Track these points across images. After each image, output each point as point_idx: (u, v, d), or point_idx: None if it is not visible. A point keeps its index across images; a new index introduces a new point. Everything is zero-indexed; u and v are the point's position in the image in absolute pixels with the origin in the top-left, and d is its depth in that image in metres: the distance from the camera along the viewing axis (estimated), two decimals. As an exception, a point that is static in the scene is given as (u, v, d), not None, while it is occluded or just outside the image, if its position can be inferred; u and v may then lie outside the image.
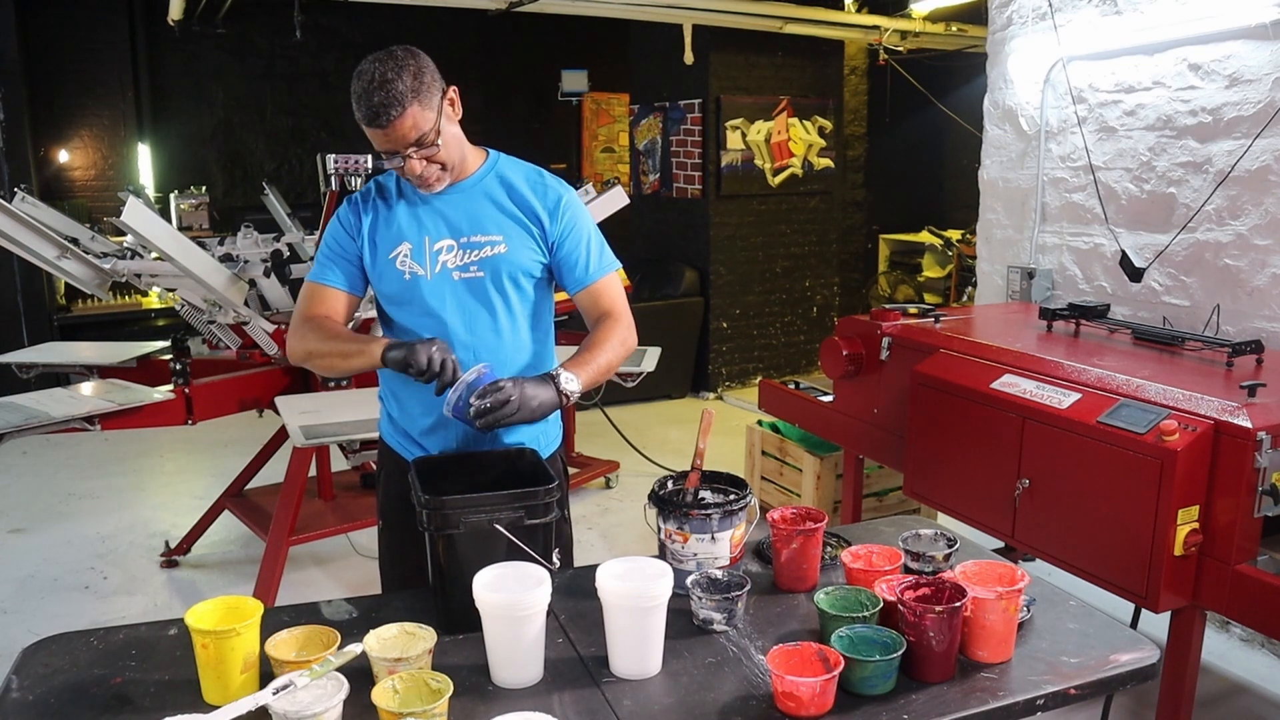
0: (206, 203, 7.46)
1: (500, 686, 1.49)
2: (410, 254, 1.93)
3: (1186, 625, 2.35)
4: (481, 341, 1.95)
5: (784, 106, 6.81)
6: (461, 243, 1.94)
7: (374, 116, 1.78)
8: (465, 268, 1.93)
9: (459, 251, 1.94)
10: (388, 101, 1.76)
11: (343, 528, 3.82)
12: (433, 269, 1.93)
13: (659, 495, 1.85)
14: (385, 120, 1.78)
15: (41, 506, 4.79)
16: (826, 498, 4.07)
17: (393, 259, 1.93)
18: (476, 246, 1.94)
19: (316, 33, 7.90)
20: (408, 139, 1.81)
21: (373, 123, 1.79)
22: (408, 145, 1.82)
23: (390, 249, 1.94)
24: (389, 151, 1.84)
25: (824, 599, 1.59)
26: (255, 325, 3.70)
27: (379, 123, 1.78)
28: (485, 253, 1.94)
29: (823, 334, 7.03)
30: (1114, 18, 3.44)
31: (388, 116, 1.77)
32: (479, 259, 1.94)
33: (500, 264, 1.95)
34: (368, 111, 1.78)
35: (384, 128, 1.79)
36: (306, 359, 1.95)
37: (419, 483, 1.71)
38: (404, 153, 1.83)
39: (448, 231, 1.94)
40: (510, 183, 1.98)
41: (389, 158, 1.85)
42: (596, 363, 1.92)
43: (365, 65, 1.80)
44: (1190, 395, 2.28)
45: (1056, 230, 3.75)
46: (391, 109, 1.77)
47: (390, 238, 1.94)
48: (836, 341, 3.29)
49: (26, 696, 1.46)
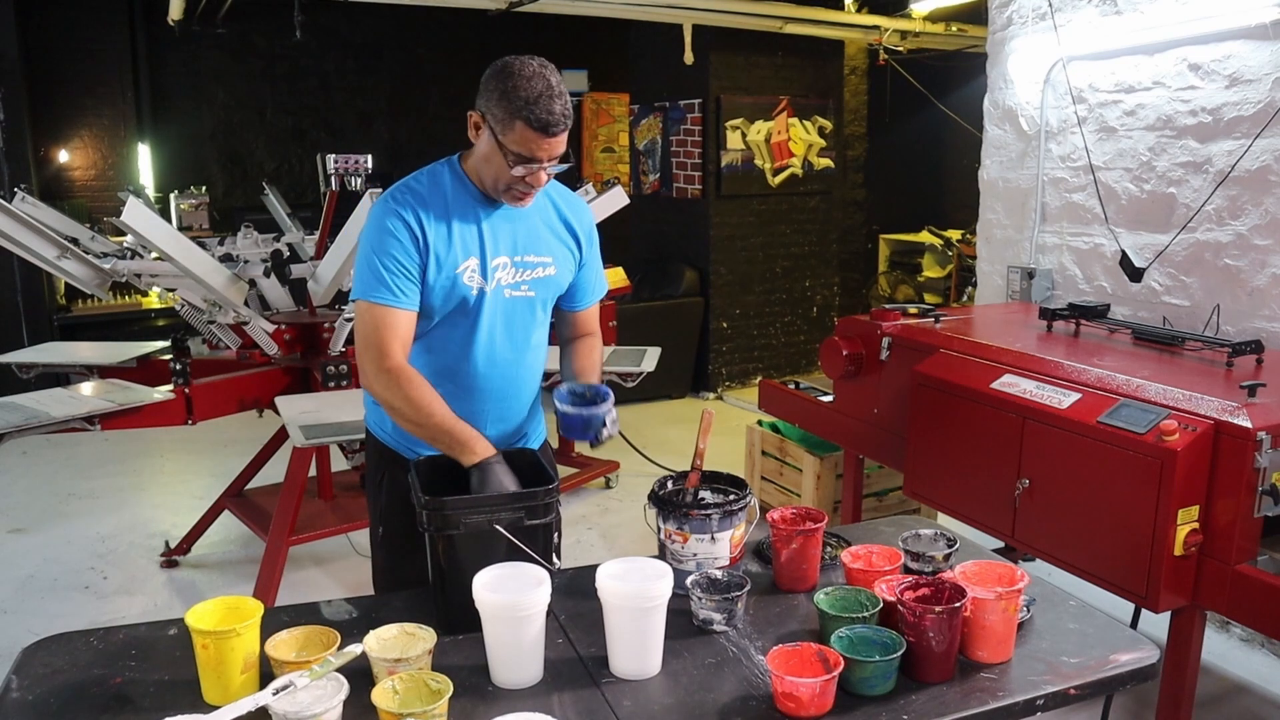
0: (206, 203, 7.46)
1: (500, 687, 1.49)
2: (477, 269, 1.90)
3: (1186, 625, 2.35)
4: (517, 357, 1.99)
5: (784, 106, 6.81)
6: (516, 261, 1.93)
7: (551, 124, 1.75)
8: (517, 285, 1.94)
9: (513, 269, 1.93)
10: (566, 112, 1.77)
11: (343, 528, 3.82)
12: (490, 285, 1.92)
13: (659, 495, 1.85)
14: (559, 129, 1.76)
15: (41, 506, 4.79)
16: (826, 498, 4.07)
17: (460, 273, 1.88)
18: (529, 266, 1.94)
19: (316, 33, 7.89)
20: (557, 151, 1.80)
21: (547, 129, 1.75)
22: (554, 157, 1.80)
23: (458, 262, 1.87)
24: (528, 158, 1.78)
25: (824, 599, 1.59)
26: (255, 325, 3.70)
27: (555, 130, 1.75)
28: (537, 273, 1.96)
29: (823, 334, 7.03)
30: (1114, 18, 3.44)
31: (562, 126, 1.77)
32: (531, 279, 1.95)
33: (549, 285, 1.98)
34: (545, 117, 1.74)
35: (553, 136, 1.76)
36: (384, 406, 1.86)
37: (419, 483, 1.71)
38: (544, 163, 1.80)
39: (504, 249, 1.92)
40: (555, 204, 2.00)
41: (521, 164, 1.79)
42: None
43: (528, 68, 1.75)
44: (1190, 395, 2.28)
45: (1056, 230, 3.75)
46: (567, 119, 1.77)
47: (457, 251, 1.88)
48: (836, 341, 3.28)
49: (26, 696, 1.46)
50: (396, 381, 1.81)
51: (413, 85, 8.71)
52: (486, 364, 1.95)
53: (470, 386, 1.96)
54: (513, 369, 2.00)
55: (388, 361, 1.82)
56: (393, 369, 1.82)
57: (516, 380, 2.02)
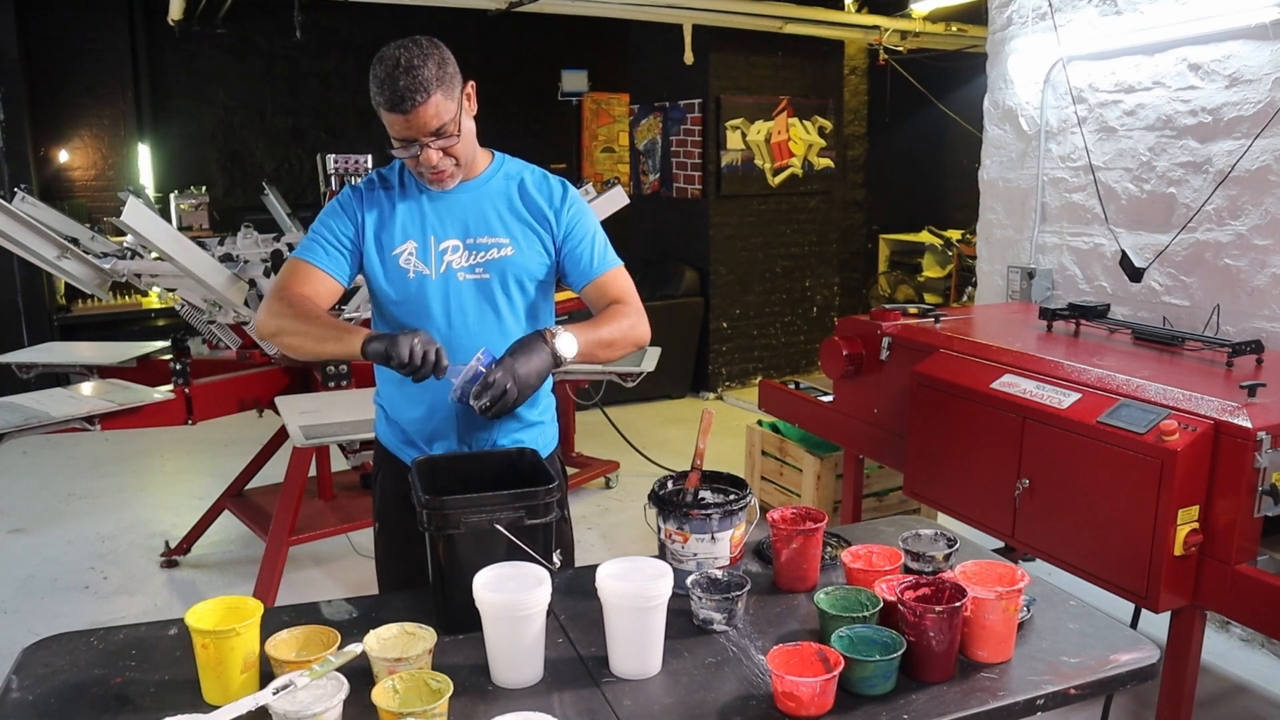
0: (206, 203, 7.46)
1: (500, 686, 1.49)
2: (415, 252, 1.90)
3: (1186, 625, 2.35)
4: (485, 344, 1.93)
5: (784, 106, 6.81)
6: (468, 243, 1.92)
7: (398, 101, 1.73)
8: (471, 269, 1.92)
9: (465, 252, 1.92)
10: (413, 87, 1.73)
11: (343, 528, 3.82)
12: (438, 269, 1.91)
13: (659, 495, 1.85)
14: (410, 105, 1.74)
15: (41, 506, 4.79)
16: (826, 498, 4.07)
17: (396, 256, 1.90)
18: (483, 248, 1.93)
19: (316, 33, 7.90)
20: (428, 127, 1.78)
21: (396, 107, 1.74)
22: (428, 134, 1.78)
23: (394, 245, 1.90)
24: (406, 140, 1.80)
25: (824, 599, 1.59)
26: (255, 325, 3.70)
27: (403, 108, 1.74)
28: (492, 255, 1.93)
29: (823, 334, 7.03)
30: (1114, 18, 3.44)
31: (412, 102, 1.74)
32: (485, 260, 1.93)
33: (506, 266, 1.94)
34: (391, 95, 1.74)
35: (407, 113, 1.75)
36: (276, 335, 1.84)
37: (419, 483, 1.71)
38: (423, 141, 1.79)
39: (454, 231, 1.92)
40: (518, 184, 1.98)
41: (404, 146, 1.81)
42: (598, 333, 1.89)
43: (388, 50, 1.76)
44: (1190, 395, 2.28)
45: (1056, 230, 3.75)
46: (417, 94, 1.74)
47: (395, 234, 1.91)
48: (836, 341, 3.28)
49: (26, 696, 1.46)
50: (279, 305, 1.84)
51: (413, 85, 8.71)
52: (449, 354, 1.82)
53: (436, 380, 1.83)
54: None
55: (278, 293, 1.86)
56: (280, 297, 1.85)
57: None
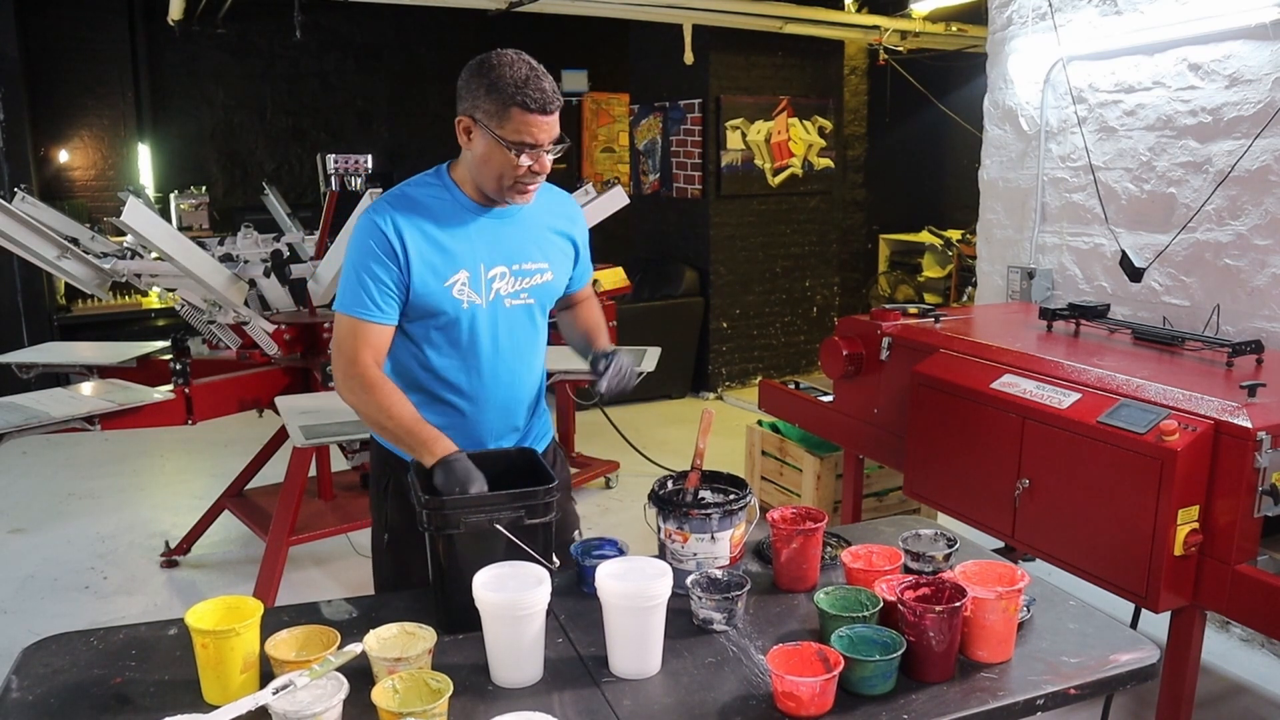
0: (206, 203, 7.46)
1: (500, 686, 1.49)
2: (468, 282, 1.87)
3: (1186, 625, 2.35)
4: (520, 365, 1.98)
5: (784, 106, 6.81)
6: (514, 270, 1.91)
7: (546, 101, 1.73)
8: (516, 294, 1.92)
9: (511, 279, 1.91)
10: (553, 90, 1.76)
11: (343, 528, 3.82)
12: (487, 297, 1.89)
13: (659, 495, 1.85)
14: (554, 107, 1.75)
15: (41, 506, 4.79)
16: (826, 498, 4.07)
17: (449, 287, 1.85)
18: (528, 274, 1.93)
19: (316, 33, 7.90)
20: (555, 132, 1.78)
21: (543, 108, 1.74)
22: (553, 139, 1.79)
23: (446, 276, 1.85)
24: (530, 145, 1.76)
25: (824, 599, 1.59)
26: (255, 325, 3.70)
27: (551, 108, 1.74)
28: (535, 280, 1.94)
29: (823, 334, 7.03)
30: (1114, 18, 3.44)
31: (555, 104, 1.75)
32: (529, 286, 1.94)
33: (547, 291, 1.98)
34: (539, 96, 1.73)
35: (549, 114, 1.75)
36: (354, 409, 1.87)
37: (419, 483, 1.71)
38: (545, 147, 1.78)
39: (501, 258, 1.90)
40: (549, 207, 1.99)
41: (527, 151, 1.77)
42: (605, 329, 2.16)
43: (509, 56, 1.76)
44: (1190, 395, 2.28)
45: (1056, 230, 3.75)
46: (560, 97, 1.77)
47: (445, 264, 1.85)
48: (836, 341, 3.28)
49: (26, 696, 1.46)
50: (362, 386, 1.83)
51: (413, 85, 8.71)
52: (490, 377, 1.94)
53: (474, 398, 1.95)
54: (515, 378, 1.98)
55: (355, 369, 1.84)
56: (359, 375, 1.84)
57: (519, 388, 2.00)
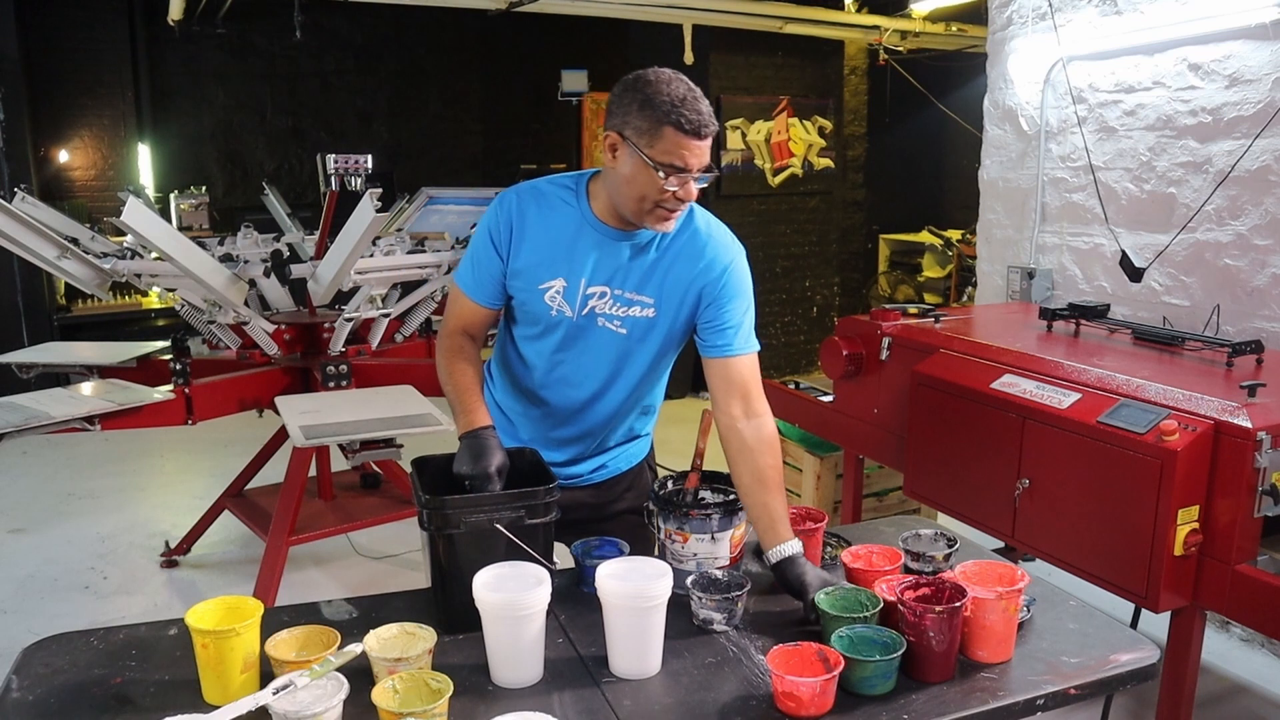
0: (206, 203, 7.46)
1: (500, 686, 1.49)
2: (563, 291, 1.84)
3: (1186, 625, 2.35)
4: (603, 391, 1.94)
5: (784, 106, 6.81)
6: (615, 294, 1.85)
7: (703, 124, 1.67)
8: (612, 318, 1.86)
9: (611, 301, 1.86)
10: (710, 114, 1.70)
11: (343, 528, 3.82)
12: (579, 310, 1.85)
13: (659, 495, 1.85)
14: (709, 131, 1.68)
15: (41, 506, 4.79)
16: (826, 498, 4.07)
17: (543, 290, 1.84)
18: (628, 303, 1.86)
19: (316, 33, 7.91)
20: (705, 160, 1.71)
21: (699, 131, 1.67)
22: (703, 167, 1.71)
23: (544, 279, 1.84)
24: (681, 169, 1.68)
25: (824, 599, 1.59)
26: (255, 325, 3.70)
27: (706, 132, 1.68)
28: (634, 312, 1.86)
29: (823, 334, 7.03)
30: (1114, 18, 3.44)
31: (710, 128, 1.69)
32: (625, 315, 1.86)
33: (647, 328, 1.88)
34: (696, 119, 1.66)
35: (705, 139, 1.68)
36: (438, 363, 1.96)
37: (419, 482, 1.71)
38: (695, 173, 1.70)
39: (604, 278, 1.84)
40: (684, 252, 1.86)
41: (677, 175, 1.69)
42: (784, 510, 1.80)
43: (667, 74, 1.70)
44: (1190, 395, 2.28)
45: (1056, 230, 3.75)
46: (715, 122, 1.71)
47: (545, 266, 1.83)
48: (836, 341, 3.28)
49: (26, 696, 1.46)
50: (442, 348, 1.96)
51: (413, 85, 8.71)
52: (564, 387, 1.93)
53: (545, 406, 1.97)
54: (595, 400, 1.94)
55: (443, 330, 1.99)
56: (444, 337, 1.98)
57: (598, 413, 1.97)
